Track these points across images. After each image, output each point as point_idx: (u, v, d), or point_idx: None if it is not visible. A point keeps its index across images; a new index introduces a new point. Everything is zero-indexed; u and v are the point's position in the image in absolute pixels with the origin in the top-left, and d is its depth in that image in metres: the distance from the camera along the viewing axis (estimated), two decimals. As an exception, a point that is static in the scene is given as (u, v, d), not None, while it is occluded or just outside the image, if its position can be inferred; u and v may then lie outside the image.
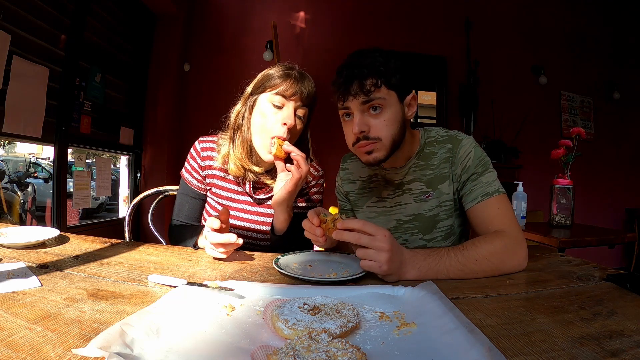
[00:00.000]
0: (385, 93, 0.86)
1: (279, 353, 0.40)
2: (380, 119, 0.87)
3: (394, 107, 0.88)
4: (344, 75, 0.86)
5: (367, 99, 0.85)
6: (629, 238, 2.05)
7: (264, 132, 0.97)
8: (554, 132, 3.77)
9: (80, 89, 2.55)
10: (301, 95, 0.95)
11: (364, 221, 0.69)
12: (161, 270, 0.74)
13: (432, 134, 1.00)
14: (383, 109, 0.86)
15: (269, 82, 0.97)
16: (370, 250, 0.67)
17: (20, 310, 0.51)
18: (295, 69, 1.00)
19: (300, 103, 0.96)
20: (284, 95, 0.95)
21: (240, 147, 1.01)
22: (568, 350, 0.43)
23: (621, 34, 3.88)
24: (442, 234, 0.98)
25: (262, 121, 0.97)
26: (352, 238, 0.69)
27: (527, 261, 0.78)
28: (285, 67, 0.99)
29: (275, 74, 0.97)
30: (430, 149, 0.98)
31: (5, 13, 1.92)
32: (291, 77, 0.96)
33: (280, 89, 0.95)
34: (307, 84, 0.97)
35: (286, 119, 0.94)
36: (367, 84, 0.84)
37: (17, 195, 3.11)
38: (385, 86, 0.85)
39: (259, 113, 0.98)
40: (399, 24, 3.65)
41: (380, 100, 0.85)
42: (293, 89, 0.94)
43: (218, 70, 3.46)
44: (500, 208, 0.86)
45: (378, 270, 0.68)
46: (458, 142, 0.95)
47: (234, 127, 1.03)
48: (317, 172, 1.14)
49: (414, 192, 0.99)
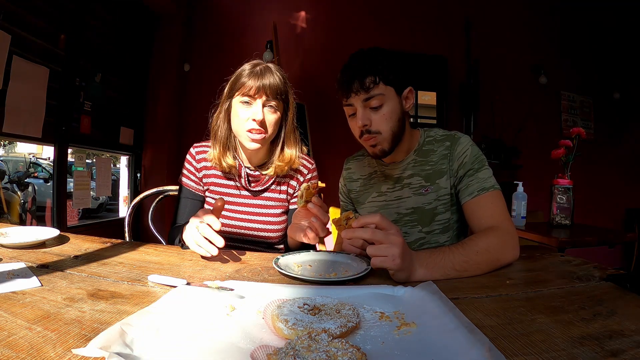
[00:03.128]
0: (383, 89, 0.94)
1: (279, 353, 0.40)
2: (380, 114, 0.95)
3: (392, 101, 0.96)
4: (346, 75, 0.95)
5: (368, 96, 0.94)
6: (629, 238, 2.06)
7: (240, 130, 1.04)
8: (554, 132, 3.77)
9: (80, 89, 2.55)
10: (264, 89, 1.00)
11: (380, 215, 0.70)
12: (161, 270, 0.74)
13: (432, 133, 1.06)
14: (382, 105, 0.94)
15: (237, 84, 1.03)
16: (382, 245, 0.68)
17: (20, 310, 0.51)
18: (261, 64, 1.04)
19: (266, 97, 1.01)
20: (249, 94, 1.00)
21: (217, 147, 1.09)
22: (568, 350, 0.43)
23: (621, 33, 3.88)
24: (440, 227, 1.02)
25: (237, 120, 1.04)
26: (366, 234, 0.69)
27: (519, 252, 0.82)
28: (252, 64, 1.04)
29: (243, 72, 1.02)
30: (429, 146, 1.04)
31: (5, 13, 1.92)
32: (253, 74, 1.01)
33: (246, 89, 1.00)
34: (268, 77, 1.00)
35: (255, 114, 1.00)
36: (367, 81, 0.92)
37: (17, 195, 3.11)
38: (382, 82, 0.93)
39: (234, 115, 1.05)
40: (399, 23, 3.65)
41: (379, 96, 0.94)
42: (256, 86, 0.99)
43: (218, 70, 3.44)
44: (494, 203, 0.91)
45: (392, 264, 0.67)
46: (456, 140, 1.00)
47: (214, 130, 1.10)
48: (311, 165, 1.19)
49: (413, 186, 1.03)
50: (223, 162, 1.08)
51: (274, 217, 1.13)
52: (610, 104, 3.96)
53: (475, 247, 0.76)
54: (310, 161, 1.19)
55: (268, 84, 1.00)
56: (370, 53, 0.96)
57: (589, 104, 3.98)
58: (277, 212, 1.14)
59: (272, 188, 1.14)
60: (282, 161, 1.09)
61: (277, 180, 1.14)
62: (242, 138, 1.04)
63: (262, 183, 1.12)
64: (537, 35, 3.79)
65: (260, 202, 1.13)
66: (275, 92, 1.02)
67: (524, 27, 3.77)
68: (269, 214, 1.13)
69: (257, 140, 1.02)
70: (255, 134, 1.01)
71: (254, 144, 1.02)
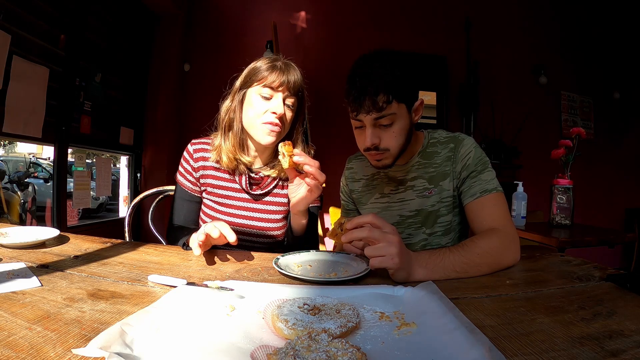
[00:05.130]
0: (395, 108, 0.89)
1: (279, 353, 0.40)
2: (389, 131, 0.91)
3: (403, 118, 0.92)
4: (356, 88, 0.88)
5: (380, 115, 0.88)
6: (629, 238, 2.05)
7: (255, 122, 1.00)
8: (554, 132, 3.76)
9: (80, 89, 2.55)
10: (288, 85, 0.98)
11: (373, 214, 0.71)
12: (161, 270, 0.74)
13: (436, 135, 1.05)
14: (394, 122, 0.90)
15: (256, 75, 0.99)
16: (380, 244, 0.68)
17: (20, 310, 0.51)
18: (281, 60, 1.02)
19: (288, 93, 0.99)
20: (271, 87, 0.98)
21: (232, 139, 1.04)
22: (568, 350, 0.43)
23: (621, 33, 3.88)
24: (442, 229, 1.02)
25: (253, 113, 0.99)
26: (363, 233, 0.69)
27: (519, 255, 0.82)
28: (270, 59, 1.02)
29: (262, 66, 0.99)
30: (432, 148, 1.03)
31: (5, 13, 1.92)
32: (277, 68, 0.98)
33: (268, 81, 0.97)
34: (292, 73, 0.99)
35: (275, 108, 0.97)
36: (379, 101, 0.86)
37: (17, 195, 3.11)
38: (395, 101, 0.88)
39: (249, 106, 1.01)
40: (399, 23, 3.64)
41: (391, 116, 0.89)
42: (280, 80, 0.97)
43: (218, 70, 3.45)
44: (496, 205, 0.91)
45: (390, 263, 0.67)
46: (460, 142, 0.99)
47: (225, 121, 1.05)
48: None
49: (416, 188, 1.03)
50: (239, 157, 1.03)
51: (274, 222, 1.09)
52: (610, 104, 3.96)
53: (476, 249, 0.76)
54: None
55: (293, 80, 0.99)
56: (382, 64, 0.89)
57: (589, 104, 3.97)
58: (277, 218, 1.10)
59: (273, 192, 1.10)
60: None
61: (279, 184, 1.10)
62: (256, 131, 1.00)
63: (263, 187, 1.08)
64: (537, 35, 3.78)
65: (260, 206, 1.09)
66: (297, 89, 1.01)
67: (524, 27, 3.77)
68: (269, 219, 1.09)
69: (275, 132, 0.98)
70: (273, 126, 0.97)
71: (269, 138, 0.99)
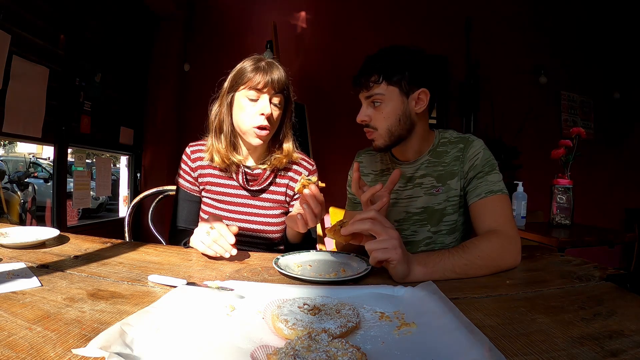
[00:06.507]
0: (384, 89, 0.94)
1: (279, 353, 0.40)
2: (378, 111, 0.96)
3: (393, 101, 0.95)
4: (360, 69, 0.97)
5: (369, 94, 0.96)
6: (629, 238, 2.05)
7: (245, 124, 1.03)
8: (554, 132, 3.76)
9: (80, 89, 2.55)
10: (272, 84, 1.00)
11: (374, 211, 0.73)
12: (161, 270, 0.74)
13: (446, 135, 1.07)
14: (382, 103, 0.95)
15: (241, 78, 1.02)
16: (381, 238, 0.70)
17: (20, 310, 0.51)
18: (264, 60, 1.04)
19: (273, 92, 1.02)
20: (256, 88, 1.00)
21: (223, 141, 1.08)
22: (568, 350, 0.43)
23: (621, 34, 3.88)
24: (447, 228, 1.03)
25: (242, 115, 1.03)
26: (365, 225, 0.71)
27: (520, 258, 0.82)
28: (254, 60, 1.05)
29: (247, 68, 1.02)
30: (443, 148, 1.05)
31: (5, 13, 1.92)
32: (260, 69, 1.01)
33: (253, 83, 1.00)
34: (275, 72, 1.02)
35: (263, 109, 1.01)
36: (369, 80, 0.94)
37: (17, 195, 3.11)
38: (385, 82, 0.94)
39: (238, 109, 1.04)
40: (399, 23, 3.64)
41: (378, 96, 0.95)
42: (264, 80, 1.00)
43: (218, 70, 3.44)
44: (500, 207, 0.91)
45: (393, 254, 0.68)
46: (469, 143, 1.02)
47: (215, 124, 1.08)
48: (312, 167, 1.19)
49: (424, 186, 1.04)
50: (230, 157, 1.06)
51: (273, 217, 1.12)
52: (610, 104, 3.95)
53: (477, 251, 0.76)
54: (310, 162, 1.19)
55: (276, 79, 1.01)
56: (389, 51, 0.97)
57: (589, 104, 3.97)
58: (276, 213, 1.13)
59: (270, 189, 1.13)
60: (280, 154, 1.10)
61: (276, 181, 1.13)
62: (247, 133, 1.04)
63: (260, 182, 1.11)
64: (537, 35, 3.78)
65: (258, 202, 1.12)
66: (282, 87, 1.03)
67: (524, 27, 3.77)
68: (268, 214, 1.12)
69: (263, 136, 1.02)
70: (262, 130, 1.01)
71: (258, 140, 1.03)
